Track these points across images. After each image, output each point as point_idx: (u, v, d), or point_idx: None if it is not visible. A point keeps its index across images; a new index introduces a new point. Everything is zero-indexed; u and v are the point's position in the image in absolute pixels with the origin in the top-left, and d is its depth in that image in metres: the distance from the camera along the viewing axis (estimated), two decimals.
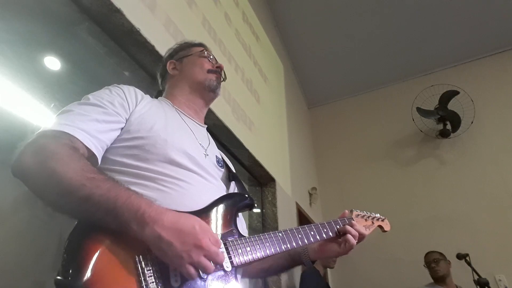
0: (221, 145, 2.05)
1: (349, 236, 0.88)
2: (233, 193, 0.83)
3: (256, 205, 2.48)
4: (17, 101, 1.21)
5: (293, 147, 3.32)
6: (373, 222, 1.08)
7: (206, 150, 0.87)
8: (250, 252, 0.69)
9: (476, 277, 2.11)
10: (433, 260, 2.51)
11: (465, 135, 3.47)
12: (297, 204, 2.99)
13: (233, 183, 0.90)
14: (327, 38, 3.80)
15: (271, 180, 2.54)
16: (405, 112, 3.71)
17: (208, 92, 0.99)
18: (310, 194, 3.53)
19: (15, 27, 1.17)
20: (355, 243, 0.88)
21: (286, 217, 2.61)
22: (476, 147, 3.44)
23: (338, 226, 0.92)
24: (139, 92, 0.86)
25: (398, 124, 3.89)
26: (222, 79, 1.05)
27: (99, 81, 1.67)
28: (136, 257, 0.57)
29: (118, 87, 0.82)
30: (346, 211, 1.02)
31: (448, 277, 2.46)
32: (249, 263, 0.70)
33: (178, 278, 0.58)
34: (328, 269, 2.62)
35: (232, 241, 0.68)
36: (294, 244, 0.79)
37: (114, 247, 0.56)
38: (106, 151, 0.72)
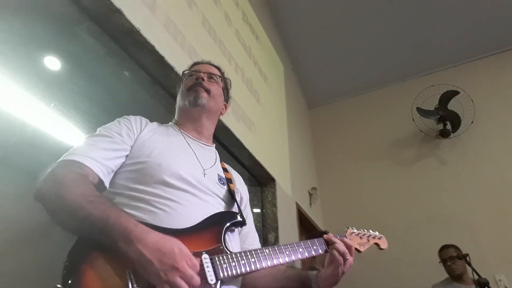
0: (221, 145, 2.05)
1: (334, 251, 0.90)
2: (223, 212, 0.87)
3: (256, 205, 2.48)
4: (17, 101, 1.21)
5: (293, 147, 3.31)
6: (368, 240, 1.11)
7: (205, 170, 0.91)
8: (235, 267, 0.73)
9: (476, 277, 2.11)
10: (449, 258, 2.40)
11: (465, 135, 3.47)
12: (297, 204, 2.99)
13: (235, 204, 0.94)
14: (327, 38, 3.80)
15: (271, 180, 2.54)
16: (405, 112, 3.71)
17: (192, 109, 1.00)
18: (310, 194, 3.53)
19: (15, 27, 1.17)
20: (341, 259, 0.89)
21: (286, 217, 2.61)
22: (476, 147, 3.43)
23: (322, 245, 0.94)
24: (144, 120, 0.94)
25: (398, 124, 3.89)
26: (202, 81, 1.03)
27: (99, 81, 1.67)
28: (127, 272, 0.63)
29: (126, 118, 0.91)
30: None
31: (465, 274, 2.38)
32: (235, 277, 0.74)
33: None
34: None
35: (218, 256, 0.73)
36: (280, 260, 0.82)
37: (108, 261, 0.63)
38: (114, 175, 0.81)
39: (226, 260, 0.73)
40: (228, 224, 0.82)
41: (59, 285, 0.57)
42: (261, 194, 2.53)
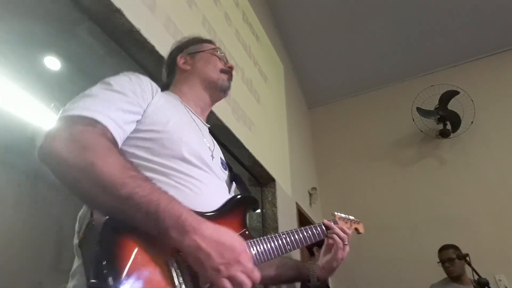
0: (221, 145, 2.04)
1: (335, 236, 0.91)
2: (243, 195, 0.82)
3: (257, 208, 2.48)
4: (17, 101, 1.21)
5: (293, 147, 3.31)
6: (351, 225, 1.10)
7: (212, 152, 0.86)
8: (263, 253, 0.71)
9: (476, 277, 2.11)
10: (447, 260, 2.41)
11: (465, 135, 3.47)
12: (297, 204, 2.99)
13: (233, 185, 0.91)
14: (327, 38, 3.80)
15: (271, 180, 2.54)
16: (405, 112, 3.71)
17: (219, 92, 0.97)
18: (310, 194, 3.53)
19: (15, 27, 1.17)
20: (341, 243, 0.90)
21: (286, 217, 2.61)
22: (476, 147, 3.43)
23: (323, 229, 0.95)
24: (154, 84, 0.82)
25: (398, 124, 3.89)
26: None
27: (99, 81, 1.67)
28: (170, 262, 0.56)
29: (136, 76, 0.78)
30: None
31: (464, 275, 2.39)
32: (265, 262, 0.72)
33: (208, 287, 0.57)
34: None
35: (247, 242, 0.68)
36: (300, 244, 0.82)
37: (148, 250, 0.54)
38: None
39: (254, 246, 0.70)
40: (250, 208, 0.79)
41: (94, 280, 0.46)
42: (261, 194, 2.53)
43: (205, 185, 0.73)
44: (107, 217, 0.52)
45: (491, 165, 3.30)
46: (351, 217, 1.13)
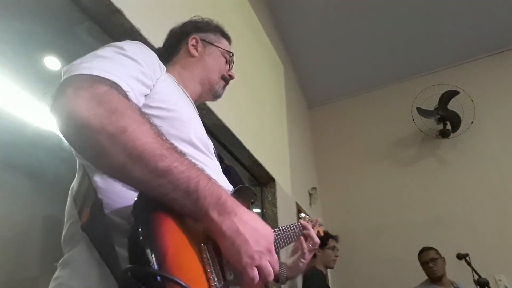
0: (221, 145, 2.05)
1: (314, 237, 0.96)
2: (246, 186, 0.78)
3: (256, 205, 2.49)
4: (17, 101, 1.21)
5: (293, 147, 3.31)
6: (313, 226, 1.13)
7: (208, 139, 0.82)
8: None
9: (476, 277, 2.11)
10: (430, 260, 2.46)
11: (465, 135, 3.47)
12: (297, 204, 2.99)
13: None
14: (327, 38, 3.80)
15: (271, 180, 2.54)
16: (405, 112, 3.71)
17: (211, 95, 0.95)
18: (310, 194, 3.53)
19: (15, 27, 1.17)
20: (313, 248, 0.96)
21: (286, 217, 2.61)
22: (476, 147, 3.43)
23: (300, 228, 1.00)
24: (161, 62, 0.76)
25: (398, 124, 3.89)
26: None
27: None
28: (202, 245, 0.53)
29: (145, 46, 0.71)
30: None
31: (444, 276, 2.44)
32: None
33: (231, 272, 0.55)
34: (328, 269, 2.62)
35: None
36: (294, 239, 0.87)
37: (182, 231, 0.50)
38: None
39: None
40: (254, 199, 0.78)
41: (134, 264, 0.41)
42: (261, 194, 2.53)
43: (212, 171, 0.68)
44: (137, 197, 0.46)
45: (491, 165, 3.30)
46: (316, 221, 1.18)
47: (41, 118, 1.27)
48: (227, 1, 2.40)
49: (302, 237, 0.94)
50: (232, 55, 1.00)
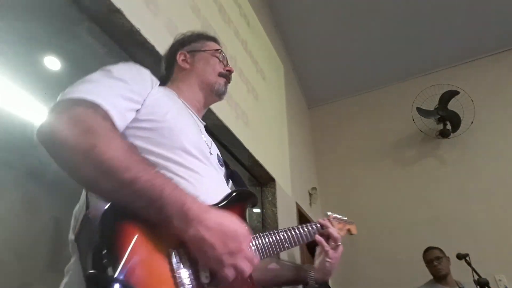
0: (221, 145, 2.05)
1: (333, 233, 0.92)
2: (243, 190, 0.80)
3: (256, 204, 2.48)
4: (17, 101, 1.21)
5: (293, 147, 3.31)
6: (344, 225, 1.10)
7: (210, 148, 0.85)
8: (262, 249, 0.73)
9: (476, 277, 2.11)
10: (435, 258, 2.47)
11: (465, 135, 3.47)
12: (297, 204, 2.99)
13: (230, 182, 0.91)
14: (327, 38, 3.80)
15: (271, 180, 2.54)
16: (405, 112, 3.71)
17: (214, 95, 0.97)
18: (310, 194, 3.53)
19: (15, 27, 1.17)
20: (334, 245, 0.91)
21: (286, 217, 2.61)
22: (476, 147, 3.43)
23: (318, 227, 0.96)
24: (154, 77, 0.82)
25: (398, 124, 3.89)
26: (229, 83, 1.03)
27: None
28: (170, 250, 0.55)
29: (136, 65, 0.78)
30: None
31: (449, 275, 2.44)
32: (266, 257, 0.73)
33: (207, 274, 0.56)
34: None
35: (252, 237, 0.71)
36: (299, 241, 0.85)
37: (149, 237, 0.52)
38: None
39: (253, 241, 0.71)
40: (250, 203, 0.79)
41: (93, 271, 0.44)
42: (261, 194, 2.53)
43: (204, 178, 0.72)
44: (107, 206, 0.50)
45: (491, 165, 3.29)
46: (345, 218, 1.12)
47: (41, 118, 1.27)
48: (227, 1, 2.40)
49: (318, 236, 0.92)
50: (221, 51, 1.02)
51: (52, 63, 1.37)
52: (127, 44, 1.40)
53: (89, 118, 0.55)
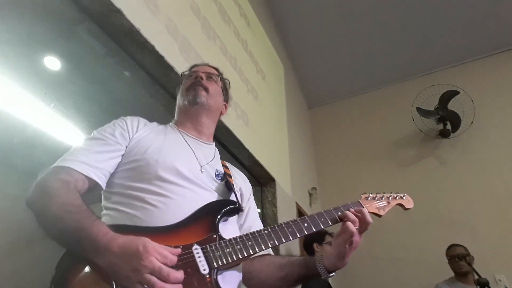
0: (221, 145, 2.05)
1: (348, 223, 0.80)
2: (215, 201, 0.85)
3: (256, 205, 2.48)
4: (17, 101, 1.21)
5: (293, 147, 3.31)
6: (389, 202, 0.96)
7: (202, 166, 0.91)
8: (229, 253, 0.72)
9: (476, 277, 2.11)
10: (457, 255, 2.44)
11: (465, 135, 3.46)
12: (297, 204, 2.99)
13: (232, 195, 0.93)
14: (327, 38, 3.80)
15: (271, 180, 2.54)
16: (405, 112, 3.71)
17: (192, 107, 1.01)
18: (310, 194, 3.53)
19: (15, 27, 1.17)
20: (354, 230, 0.79)
21: (286, 217, 2.61)
22: (476, 147, 3.43)
23: (339, 213, 0.85)
24: (143, 121, 0.95)
25: (398, 124, 3.88)
26: (201, 79, 1.04)
27: (99, 81, 1.67)
28: (113, 284, 0.61)
29: (122, 119, 0.92)
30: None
31: (470, 273, 2.40)
32: (232, 263, 0.72)
33: None
34: None
35: (210, 245, 0.72)
36: (283, 239, 0.76)
37: (94, 274, 0.62)
38: (111, 176, 0.83)
39: (219, 248, 0.71)
40: (222, 212, 0.80)
41: None
42: (261, 194, 2.53)
43: (175, 200, 0.79)
44: (55, 268, 0.62)
45: (491, 165, 3.29)
46: (391, 194, 0.98)
47: (41, 118, 1.27)
48: (227, 1, 2.40)
49: (348, 213, 0.81)
50: (190, 69, 1.13)
51: (52, 63, 1.37)
52: (127, 44, 1.40)
53: (50, 182, 0.71)
